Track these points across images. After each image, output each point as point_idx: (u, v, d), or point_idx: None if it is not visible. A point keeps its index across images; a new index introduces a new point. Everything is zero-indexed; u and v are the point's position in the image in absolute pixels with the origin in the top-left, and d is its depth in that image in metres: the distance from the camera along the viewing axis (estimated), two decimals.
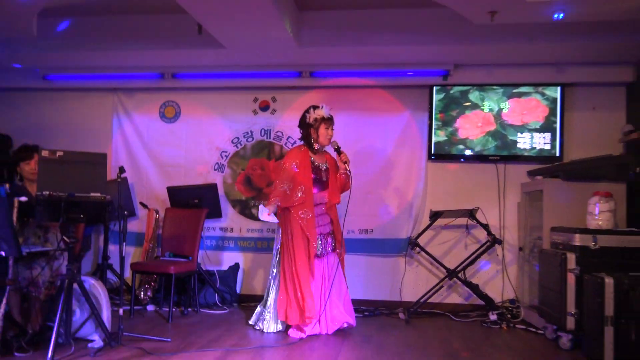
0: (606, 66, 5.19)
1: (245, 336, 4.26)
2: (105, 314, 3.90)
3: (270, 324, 4.39)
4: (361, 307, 5.34)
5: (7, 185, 3.88)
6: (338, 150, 4.49)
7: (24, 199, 3.83)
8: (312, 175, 4.41)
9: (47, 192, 3.57)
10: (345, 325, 4.43)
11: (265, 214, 4.26)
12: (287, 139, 5.78)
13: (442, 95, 5.53)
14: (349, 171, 4.45)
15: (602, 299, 3.66)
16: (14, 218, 3.73)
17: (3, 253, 3.45)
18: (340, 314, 4.40)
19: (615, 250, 3.98)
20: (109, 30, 5.25)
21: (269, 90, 5.83)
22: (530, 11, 4.10)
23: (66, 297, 3.65)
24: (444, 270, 5.16)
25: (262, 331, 4.38)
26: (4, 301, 3.52)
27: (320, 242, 4.37)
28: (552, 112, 5.36)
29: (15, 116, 6.22)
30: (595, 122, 5.35)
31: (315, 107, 4.50)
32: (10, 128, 6.16)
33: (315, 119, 4.44)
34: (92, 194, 3.72)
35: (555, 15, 4.13)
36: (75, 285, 3.74)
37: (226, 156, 5.86)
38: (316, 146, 4.48)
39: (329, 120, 4.48)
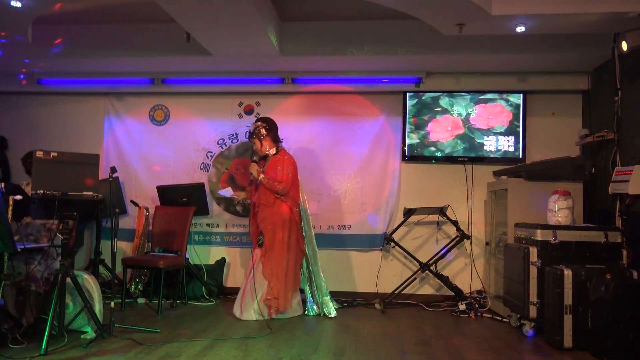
0: (564, 75, 5.28)
1: (231, 326, 4.22)
2: (98, 307, 3.84)
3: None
4: (340, 298, 5.35)
5: (2, 185, 3.80)
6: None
7: (19, 197, 3.75)
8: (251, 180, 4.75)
9: (42, 191, 3.51)
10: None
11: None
12: None
13: (414, 101, 5.56)
14: (254, 179, 4.64)
15: (562, 290, 3.71)
16: (9, 216, 3.66)
17: None
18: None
19: (573, 245, 4.02)
20: (102, 37, 5.17)
21: (254, 95, 5.80)
22: (494, 24, 4.14)
23: (59, 291, 3.58)
24: (417, 264, 5.19)
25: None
26: None
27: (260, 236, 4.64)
28: (516, 117, 5.42)
29: (11, 118, 6.09)
30: (555, 127, 5.43)
31: None
32: (6, 130, 6.05)
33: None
34: (84, 193, 3.68)
35: (518, 29, 4.18)
36: (68, 280, 3.67)
37: (211, 156, 5.81)
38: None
39: (249, 137, 4.80)
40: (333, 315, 4.65)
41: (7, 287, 3.62)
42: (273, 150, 4.71)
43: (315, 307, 4.71)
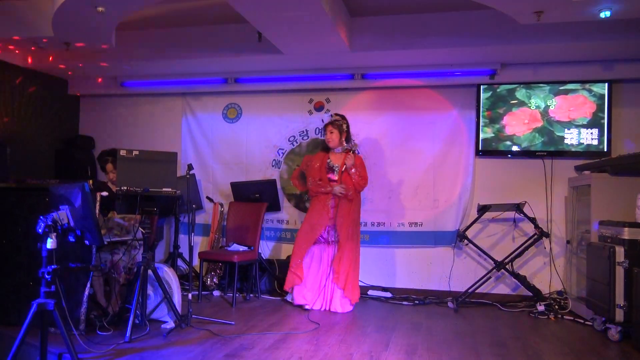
0: None
1: (303, 320, 4.30)
2: (176, 298, 4.04)
3: None
4: (411, 296, 5.31)
5: (90, 182, 4.07)
6: (352, 151, 4.79)
7: (105, 193, 4.01)
8: (325, 174, 4.78)
9: (125, 188, 3.73)
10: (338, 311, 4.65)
11: None
12: None
13: (489, 94, 5.39)
14: (353, 172, 4.69)
15: None
16: (97, 211, 3.91)
17: (87, 242, 3.63)
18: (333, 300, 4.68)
19: None
20: (178, 40, 5.42)
21: (324, 91, 5.85)
22: (576, 10, 3.92)
23: (142, 282, 3.80)
24: (492, 262, 5.04)
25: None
26: (88, 285, 3.70)
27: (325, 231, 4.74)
28: (600, 108, 5.12)
29: (97, 120, 6.53)
30: None
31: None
32: (93, 130, 6.49)
33: (324, 127, 4.91)
34: (164, 189, 3.86)
35: (602, 14, 3.93)
36: (149, 272, 3.88)
37: (283, 153, 5.92)
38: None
39: (325, 127, 4.86)
40: None
41: (95, 278, 3.88)
42: (343, 147, 4.83)
43: None
